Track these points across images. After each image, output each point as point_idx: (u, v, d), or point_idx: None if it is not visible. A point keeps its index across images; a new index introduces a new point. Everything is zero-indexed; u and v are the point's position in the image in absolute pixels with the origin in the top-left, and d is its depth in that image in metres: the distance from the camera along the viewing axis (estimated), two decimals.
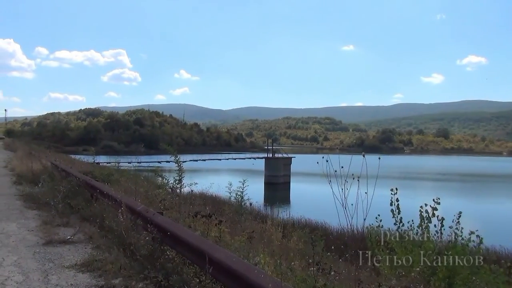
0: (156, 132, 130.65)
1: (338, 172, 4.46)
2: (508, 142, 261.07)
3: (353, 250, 12.58)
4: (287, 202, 35.57)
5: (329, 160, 5.09)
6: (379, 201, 8.30)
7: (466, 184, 58.67)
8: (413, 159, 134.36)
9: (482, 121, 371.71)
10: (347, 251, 11.95)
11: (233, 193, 13.28)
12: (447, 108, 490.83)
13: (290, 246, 7.34)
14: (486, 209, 35.17)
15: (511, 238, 20.08)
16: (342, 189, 4.06)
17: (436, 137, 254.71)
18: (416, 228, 7.98)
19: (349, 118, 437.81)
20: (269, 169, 51.69)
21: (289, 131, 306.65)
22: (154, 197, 8.65)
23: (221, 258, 3.82)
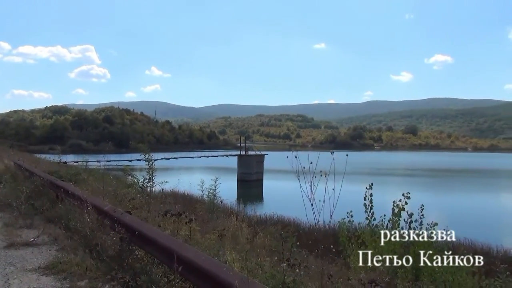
0: (127, 130, 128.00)
1: (307, 169, 4.47)
2: (473, 138, 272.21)
3: (324, 245, 12.78)
4: (260, 199, 35.73)
5: (298, 157, 5.12)
6: (350, 197, 8.47)
7: (434, 179, 60.70)
8: (383, 155, 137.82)
9: (448, 118, 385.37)
10: (319, 246, 12.10)
11: (205, 191, 13.18)
12: (415, 105, 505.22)
13: (261, 243, 7.34)
14: (452, 202, 36.53)
15: (475, 229, 20.97)
16: (310, 186, 4.07)
17: (405, 134, 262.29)
18: (386, 222, 8.19)
19: (321, 115, 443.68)
20: (242, 166, 51.70)
21: (262, 128, 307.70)
22: (123, 197, 8.44)
23: (190, 256, 3.76)
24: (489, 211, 32.18)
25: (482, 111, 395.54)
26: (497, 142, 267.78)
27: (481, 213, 31.08)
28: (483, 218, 28.63)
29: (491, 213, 31.18)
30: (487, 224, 26.07)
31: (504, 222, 28.11)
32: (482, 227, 23.64)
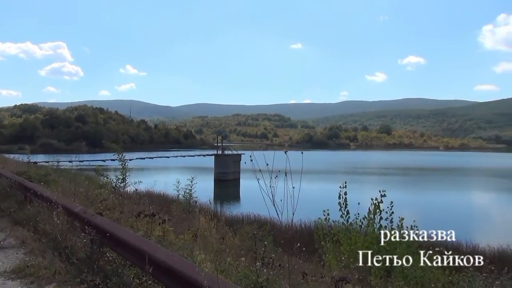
0: (100, 129, 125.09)
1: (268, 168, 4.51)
2: (444, 138, 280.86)
3: (300, 243, 12.86)
4: (237, 199, 35.68)
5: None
6: (327, 195, 8.58)
7: (408, 177, 62.16)
8: (358, 155, 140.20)
9: (421, 118, 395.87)
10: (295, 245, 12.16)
11: (181, 191, 13.06)
12: (389, 105, 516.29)
13: (237, 242, 7.32)
14: (424, 200, 37.51)
15: (446, 226, 21.58)
16: (270, 185, 4.13)
17: (380, 133, 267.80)
18: (361, 220, 8.31)
19: (298, 115, 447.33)
20: (218, 166, 51.48)
21: (239, 128, 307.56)
22: (95, 198, 8.25)
23: (162, 257, 3.71)
24: (459, 208, 33.23)
25: (453, 111, 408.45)
26: (467, 141, 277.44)
27: (452, 210, 32.06)
28: (453, 215, 29.53)
29: (461, 210, 32.22)
30: (457, 221, 26.91)
31: (473, 218, 29.09)
32: (453, 224, 24.38)
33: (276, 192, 8.07)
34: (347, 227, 8.36)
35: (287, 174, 5.95)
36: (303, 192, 4.83)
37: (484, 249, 15.10)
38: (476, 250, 14.63)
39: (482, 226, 25.82)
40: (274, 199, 4.63)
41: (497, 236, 18.71)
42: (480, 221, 28.15)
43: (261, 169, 5.05)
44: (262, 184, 8.24)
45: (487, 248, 15.09)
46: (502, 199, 40.37)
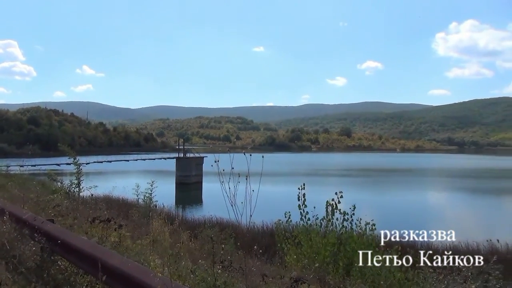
0: (55, 132, 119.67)
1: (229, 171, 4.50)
2: (401, 140, 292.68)
3: (262, 245, 12.90)
4: (199, 202, 35.32)
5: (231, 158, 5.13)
6: (290, 197, 8.65)
7: (367, 178, 64.09)
8: (320, 157, 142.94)
9: (379, 121, 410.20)
10: (257, 247, 12.15)
11: (141, 195, 12.73)
12: (349, 108, 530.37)
13: (197, 246, 7.21)
14: (383, 200, 38.83)
15: (404, 225, 22.42)
16: (230, 188, 4.12)
17: (340, 136, 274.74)
18: (321, 221, 8.43)
19: (261, 117, 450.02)
20: (180, 169, 50.72)
21: (201, 130, 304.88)
22: (46, 204, 7.85)
23: (116, 264, 3.58)
24: (415, 207, 34.65)
25: (409, 114, 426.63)
26: (422, 143, 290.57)
27: (409, 209, 33.39)
28: (410, 214, 30.76)
29: (417, 209, 33.62)
30: (413, 219, 28.04)
31: (428, 216, 30.38)
32: (410, 222, 25.37)
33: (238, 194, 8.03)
34: (307, 228, 8.46)
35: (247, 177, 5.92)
36: (267, 194, 4.85)
37: (437, 246, 15.76)
38: (431, 248, 15.23)
39: (436, 224, 27.00)
40: (235, 201, 4.60)
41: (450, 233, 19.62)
42: (435, 219, 29.45)
43: (224, 171, 5.01)
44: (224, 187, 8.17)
45: (439, 245, 15.75)
46: (455, 198, 42.53)
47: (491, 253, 11.86)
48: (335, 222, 8.19)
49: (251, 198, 6.59)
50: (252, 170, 7.68)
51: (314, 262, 7.55)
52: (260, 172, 8.33)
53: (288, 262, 8.05)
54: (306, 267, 7.65)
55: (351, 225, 7.92)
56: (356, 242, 7.65)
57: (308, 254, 7.87)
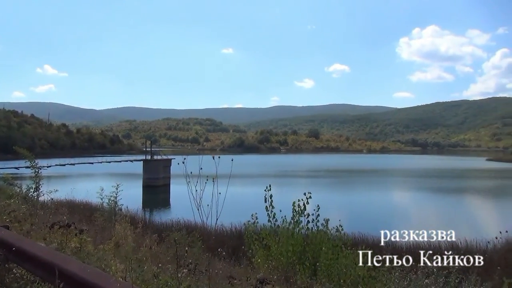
0: (14, 134, 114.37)
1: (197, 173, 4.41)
2: (367, 141, 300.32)
3: (231, 247, 12.82)
4: (167, 205, 34.74)
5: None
6: (259, 198, 8.64)
7: (335, 179, 65.16)
8: (288, 158, 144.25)
9: (346, 122, 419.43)
10: (225, 249, 12.08)
11: (106, 198, 12.38)
12: (317, 110, 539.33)
13: (162, 250, 7.06)
14: (351, 200, 39.62)
15: (368, 224, 22.97)
16: (197, 190, 4.04)
17: (308, 137, 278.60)
18: (288, 222, 8.47)
19: (230, 119, 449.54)
20: (147, 171, 49.71)
21: (169, 132, 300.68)
22: (1, 209, 7.45)
23: (74, 270, 3.42)
24: (380, 206, 35.58)
25: (374, 116, 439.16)
26: (387, 144, 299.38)
27: (374, 209, 34.25)
28: (376, 213, 31.56)
29: (383, 208, 34.53)
30: (378, 218, 28.77)
31: (392, 215, 31.25)
32: (375, 222, 26.00)
33: (206, 196, 7.96)
34: (275, 230, 8.47)
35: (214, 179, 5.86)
36: (235, 196, 4.82)
37: (401, 244, 16.21)
38: (395, 247, 15.64)
39: (400, 223, 27.80)
40: (201, 203, 4.53)
41: (412, 231, 20.24)
42: (400, 218, 30.33)
43: (192, 174, 4.93)
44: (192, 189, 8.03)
45: (404, 243, 16.21)
46: (418, 197, 43.98)
47: (451, 248, 12.33)
48: (302, 223, 8.24)
49: (218, 200, 6.52)
50: (221, 172, 7.63)
51: (281, 263, 7.58)
52: (228, 174, 8.28)
53: (256, 264, 8.04)
54: (274, 268, 7.66)
55: (317, 225, 7.99)
56: (323, 242, 7.74)
57: (276, 255, 7.88)
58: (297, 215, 8.27)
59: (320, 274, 6.72)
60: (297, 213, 8.27)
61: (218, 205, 7.16)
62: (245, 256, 8.59)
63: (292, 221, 8.35)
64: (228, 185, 7.31)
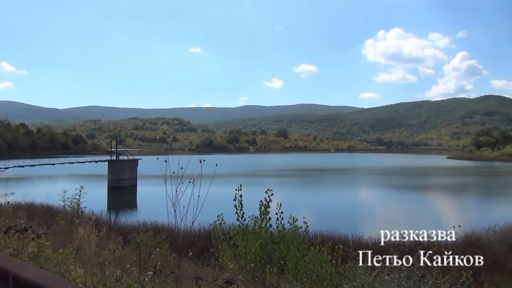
0: None
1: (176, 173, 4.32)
2: (335, 141, 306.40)
3: (199, 248, 12.67)
4: (133, 206, 33.97)
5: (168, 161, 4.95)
6: (228, 198, 8.56)
7: (303, 178, 65.95)
8: (257, 157, 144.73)
9: (314, 122, 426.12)
10: (193, 249, 11.91)
11: (68, 201, 11.95)
12: (286, 110, 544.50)
13: (127, 252, 6.85)
14: (319, 198, 40.16)
15: (336, 222, 23.38)
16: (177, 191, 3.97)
17: (277, 137, 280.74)
18: (255, 221, 8.44)
19: (198, 119, 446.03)
20: (113, 172, 48.35)
21: (136, 132, 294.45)
22: None
23: (30, 277, 3.23)
24: (348, 204, 36.31)
25: (341, 116, 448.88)
26: (354, 143, 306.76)
27: (342, 207, 34.90)
28: (343, 211, 32.19)
29: (350, 206, 35.26)
30: (346, 216, 29.37)
31: (359, 212, 31.99)
32: (343, 219, 26.51)
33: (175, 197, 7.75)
34: (243, 229, 8.43)
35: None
36: (205, 196, 4.75)
37: (367, 240, 16.60)
38: (361, 244, 15.99)
39: (367, 220, 28.50)
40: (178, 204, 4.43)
41: (379, 228, 20.77)
42: (366, 215, 31.06)
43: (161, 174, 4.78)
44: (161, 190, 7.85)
45: (369, 240, 16.61)
46: (384, 195, 45.21)
47: (415, 245, 12.71)
48: (270, 222, 8.23)
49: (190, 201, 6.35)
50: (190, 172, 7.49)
51: (249, 262, 7.55)
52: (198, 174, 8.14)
53: (224, 263, 7.98)
54: (242, 267, 7.61)
55: (283, 224, 8.01)
56: (291, 240, 7.76)
57: (244, 254, 7.85)
58: (264, 213, 8.28)
59: (288, 272, 6.74)
60: (263, 212, 8.28)
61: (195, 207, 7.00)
62: (213, 256, 8.50)
63: (259, 220, 8.34)
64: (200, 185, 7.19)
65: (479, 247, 13.12)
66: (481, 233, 17.08)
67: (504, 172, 77.15)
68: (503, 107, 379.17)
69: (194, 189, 6.68)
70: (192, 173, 4.75)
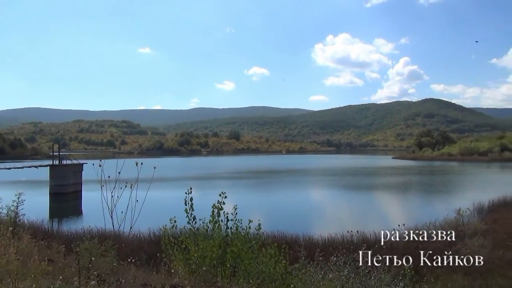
0: None
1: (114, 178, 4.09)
2: (286, 142, 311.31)
3: (148, 254, 12.27)
4: (79, 213, 32.30)
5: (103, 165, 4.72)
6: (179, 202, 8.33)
7: (256, 180, 66.22)
8: (210, 160, 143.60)
9: (266, 124, 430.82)
10: (142, 256, 11.52)
11: (5, 209, 11.14)
12: (238, 113, 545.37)
13: (69, 262, 6.46)
14: (272, 200, 40.50)
15: (287, 222, 23.69)
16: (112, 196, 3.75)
17: (229, 139, 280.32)
18: (207, 224, 8.29)
19: (148, 121, 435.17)
20: (55, 178, 45.64)
21: (81, 135, 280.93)
22: None
23: None
24: (300, 205, 36.93)
25: (293, 119, 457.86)
26: (305, 145, 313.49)
27: (294, 207, 35.44)
28: (295, 211, 32.68)
29: (302, 206, 35.87)
30: (298, 216, 29.85)
31: (310, 212, 32.62)
32: (295, 220, 26.91)
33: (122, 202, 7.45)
34: (194, 232, 8.26)
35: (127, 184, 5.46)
36: (155, 200, 4.54)
37: (317, 240, 16.96)
38: (311, 242, 16.29)
39: (318, 220, 29.16)
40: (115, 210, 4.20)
41: (329, 227, 21.35)
42: (316, 215, 31.77)
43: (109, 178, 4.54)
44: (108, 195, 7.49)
45: (319, 239, 16.98)
46: (334, 195, 46.52)
47: (362, 242, 13.18)
48: (221, 224, 8.13)
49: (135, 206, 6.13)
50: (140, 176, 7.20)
51: (201, 266, 7.40)
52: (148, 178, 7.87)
53: (175, 269, 7.77)
54: (193, 271, 7.44)
55: (237, 225, 7.96)
56: (243, 242, 7.70)
57: (196, 258, 7.68)
58: (216, 216, 8.16)
59: (240, 274, 6.67)
60: (216, 214, 8.16)
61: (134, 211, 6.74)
62: (162, 261, 8.25)
63: (211, 223, 8.20)
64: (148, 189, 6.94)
65: (421, 242, 13.80)
66: (423, 228, 18.03)
67: (443, 171, 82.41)
68: (442, 110, 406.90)
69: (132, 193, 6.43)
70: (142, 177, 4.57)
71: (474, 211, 25.54)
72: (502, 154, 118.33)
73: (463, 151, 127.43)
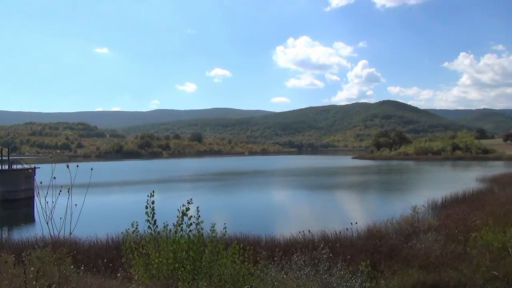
0: None
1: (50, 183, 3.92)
2: (248, 144, 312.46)
3: (106, 260, 11.85)
4: (31, 220, 30.69)
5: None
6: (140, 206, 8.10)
7: (219, 182, 65.80)
8: (171, 162, 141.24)
9: (228, 126, 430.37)
10: (99, 262, 11.12)
11: None
12: (200, 114, 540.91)
13: (19, 272, 6.11)
14: (234, 202, 40.39)
15: (250, 224, 23.72)
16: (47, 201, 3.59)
17: (191, 141, 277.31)
18: (170, 228, 8.14)
19: (106, 123, 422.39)
20: (4, 184, 43.07)
21: (33, 138, 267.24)
22: None
23: None
24: (262, 205, 37.12)
25: (255, 120, 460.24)
26: (267, 146, 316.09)
27: (257, 208, 35.58)
28: (258, 212, 32.82)
29: (264, 207, 36.07)
30: (261, 217, 29.98)
31: (273, 213, 32.85)
32: (258, 221, 27.00)
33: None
34: (155, 237, 8.10)
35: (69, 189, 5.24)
36: (114, 204, 4.37)
37: (279, 240, 17.08)
38: (273, 242, 16.38)
39: (280, 220, 29.38)
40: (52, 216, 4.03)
41: (291, 227, 21.55)
42: (279, 216, 32.00)
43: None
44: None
45: (281, 239, 17.11)
46: (297, 195, 47.07)
47: (323, 241, 13.42)
48: (184, 228, 8.02)
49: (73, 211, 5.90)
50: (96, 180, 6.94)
51: (162, 271, 7.27)
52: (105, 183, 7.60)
53: (136, 274, 7.59)
54: (154, 276, 7.29)
55: (198, 228, 7.88)
56: (205, 245, 7.65)
57: (156, 263, 7.54)
58: (179, 220, 8.05)
59: (201, 277, 6.59)
60: (179, 218, 8.06)
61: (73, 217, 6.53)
62: (121, 267, 7.99)
63: (174, 226, 8.09)
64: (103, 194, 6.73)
65: (379, 238, 14.28)
66: (381, 225, 18.64)
67: (400, 169, 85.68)
68: (398, 111, 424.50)
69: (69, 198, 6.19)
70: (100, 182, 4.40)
71: (429, 207, 26.72)
72: (454, 153, 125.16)
73: (418, 150, 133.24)
